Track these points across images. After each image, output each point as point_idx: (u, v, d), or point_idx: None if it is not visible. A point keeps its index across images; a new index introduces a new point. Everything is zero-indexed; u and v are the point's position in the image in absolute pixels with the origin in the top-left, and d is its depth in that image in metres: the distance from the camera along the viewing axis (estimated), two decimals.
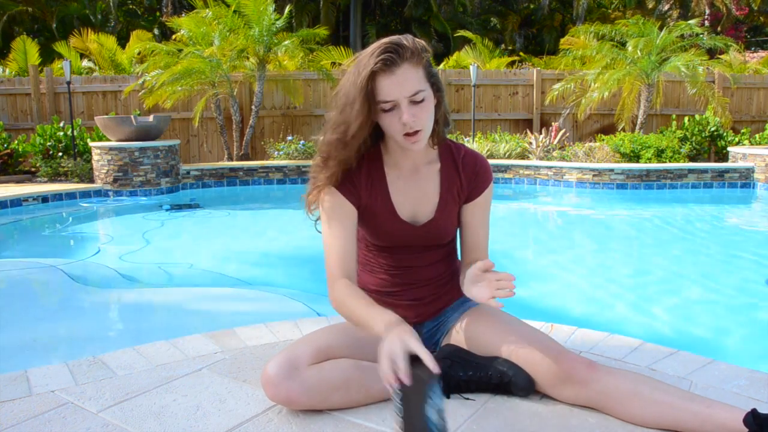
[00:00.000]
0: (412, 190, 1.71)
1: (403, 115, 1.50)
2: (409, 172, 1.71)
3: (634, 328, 3.24)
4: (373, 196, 1.69)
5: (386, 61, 1.47)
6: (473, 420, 1.56)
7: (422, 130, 1.54)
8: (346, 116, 1.55)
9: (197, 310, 3.42)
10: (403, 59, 1.49)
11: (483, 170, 1.74)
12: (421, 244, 1.74)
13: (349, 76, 1.55)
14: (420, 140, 1.56)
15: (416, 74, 1.51)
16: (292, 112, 10.96)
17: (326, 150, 1.62)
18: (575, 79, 10.32)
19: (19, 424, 1.55)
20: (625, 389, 1.50)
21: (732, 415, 1.39)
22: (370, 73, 1.48)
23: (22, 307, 3.42)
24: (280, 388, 1.54)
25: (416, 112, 1.51)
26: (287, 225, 6.23)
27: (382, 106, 1.52)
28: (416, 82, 1.51)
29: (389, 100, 1.50)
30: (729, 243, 5.50)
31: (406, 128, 1.52)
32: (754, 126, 11.07)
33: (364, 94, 1.49)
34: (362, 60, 1.52)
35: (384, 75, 1.48)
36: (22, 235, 6.02)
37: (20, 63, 11.82)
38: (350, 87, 1.53)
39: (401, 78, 1.49)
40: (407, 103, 1.51)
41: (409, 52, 1.50)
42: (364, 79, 1.48)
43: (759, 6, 19.37)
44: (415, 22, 18.10)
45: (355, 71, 1.53)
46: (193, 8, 10.13)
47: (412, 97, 1.50)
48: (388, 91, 1.49)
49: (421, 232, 1.72)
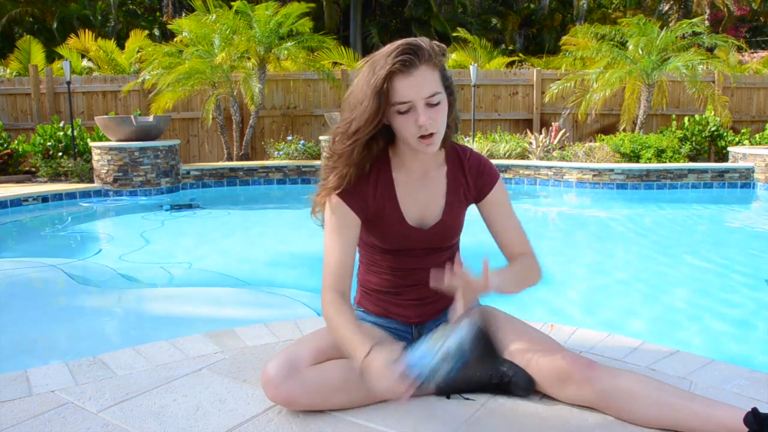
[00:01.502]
0: (420, 194, 1.70)
1: (419, 117, 1.49)
2: (418, 176, 1.70)
3: (634, 328, 3.24)
4: (380, 201, 1.67)
5: (404, 62, 1.46)
6: (473, 420, 1.56)
7: (437, 132, 1.53)
8: (354, 112, 1.54)
9: (197, 310, 3.42)
10: (421, 61, 1.48)
11: (487, 169, 1.75)
12: (427, 246, 1.74)
13: (363, 76, 1.53)
14: (434, 143, 1.54)
15: (433, 76, 1.50)
16: (292, 112, 10.96)
17: (333, 147, 1.62)
18: (574, 77, 10.32)
19: (19, 424, 1.55)
20: (625, 389, 1.50)
21: (732, 414, 1.39)
22: (387, 73, 1.46)
23: (22, 307, 3.41)
24: (280, 389, 1.54)
25: (432, 114, 1.50)
26: (287, 225, 6.23)
27: (398, 108, 1.50)
28: (433, 85, 1.50)
29: (406, 101, 1.49)
30: (729, 243, 5.50)
31: (422, 131, 1.51)
32: (754, 126, 11.07)
33: (378, 92, 1.47)
34: (378, 60, 1.50)
35: (401, 76, 1.47)
36: (22, 235, 6.02)
37: (23, 62, 11.84)
38: (364, 86, 1.52)
39: (419, 79, 1.48)
40: (423, 105, 1.49)
41: (427, 54, 1.49)
42: (380, 79, 1.47)
43: (759, 6, 19.37)
44: (415, 22, 18.09)
45: (370, 71, 1.51)
46: (193, 9, 10.14)
47: (429, 99, 1.49)
48: (406, 92, 1.48)
49: (428, 235, 1.71)
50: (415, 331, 1.82)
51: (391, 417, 1.57)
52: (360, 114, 1.52)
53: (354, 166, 1.60)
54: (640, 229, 6.18)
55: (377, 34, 17.68)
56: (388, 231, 1.70)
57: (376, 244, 1.74)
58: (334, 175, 1.62)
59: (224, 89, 9.56)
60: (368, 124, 1.52)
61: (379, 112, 1.50)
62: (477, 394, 1.67)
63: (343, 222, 1.64)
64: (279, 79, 10.75)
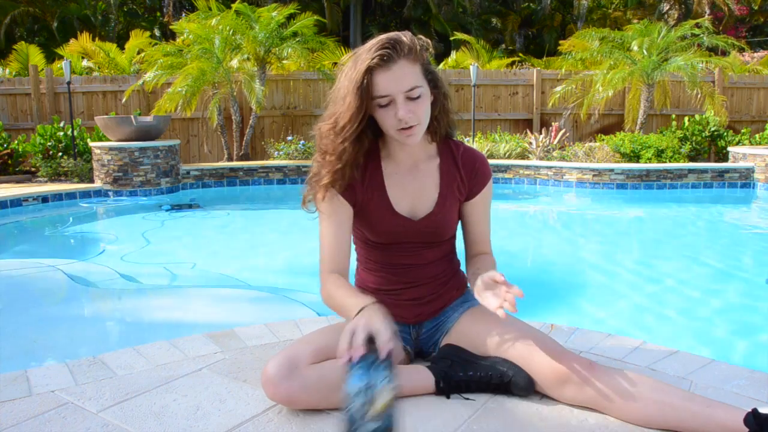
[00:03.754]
0: (410, 184, 1.71)
1: (398, 111, 1.52)
2: (407, 167, 1.72)
3: (634, 328, 3.24)
4: (368, 190, 1.69)
5: (383, 57, 1.49)
6: (473, 420, 1.55)
7: (418, 125, 1.55)
8: (337, 108, 1.57)
9: (197, 310, 3.42)
10: (399, 55, 1.50)
11: (482, 168, 1.75)
12: (420, 240, 1.74)
13: (345, 71, 1.57)
14: (414, 134, 1.57)
15: (413, 70, 1.52)
16: (292, 112, 10.96)
17: (322, 143, 1.64)
18: (577, 80, 10.32)
19: (19, 424, 1.55)
20: (625, 389, 1.50)
21: (732, 415, 1.39)
22: (366, 68, 1.50)
23: (22, 308, 3.41)
24: (280, 388, 1.54)
25: (412, 107, 1.53)
26: (287, 225, 6.22)
27: (379, 102, 1.53)
28: (412, 78, 1.52)
29: (385, 95, 1.51)
30: (729, 243, 5.50)
31: (401, 123, 1.53)
32: (754, 126, 11.07)
33: (358, 87, 1.50)
34: (360, 55, 1.54)
35: (380, 70, 1.50)
36: (22, 235, 6.02)
37: (22, 63, 11.84)
38: (345, 80, 1.55)
39: (397, 73, 1.50)
40: (403, 99, 1.52)
41: (406, 48, 1.52)
42: (359, 73, 1.50)
43: (759, 5, 19.37)
44: (415, 23, 18.10)
45: (352, 66, 1.54)
46: (194, 9, 10.14)
47: (408, 92, 1.52)
48: (385, 86, 1.51)
49: (420, 226, 1.72)
50: (413, 331, 1.82)
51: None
52: (344, 111, 1.55)
53: (348, 163, 1.62)
54: (640, 229, 6.18)
55: (377, 35, 17.66)
56: (378, 221, 1.71)
57: (369, 238, 1.75)
58: (327, 171, 1.63)
59: (225, 89, 9.56)
60: (353, 120, 1.55)
61: (362, 108, 1.53)
62: (477, 394, 1.67)
63: (335, 208, 1.67)
64: (279, 79, 10.75)
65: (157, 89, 10.00)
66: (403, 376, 1.53)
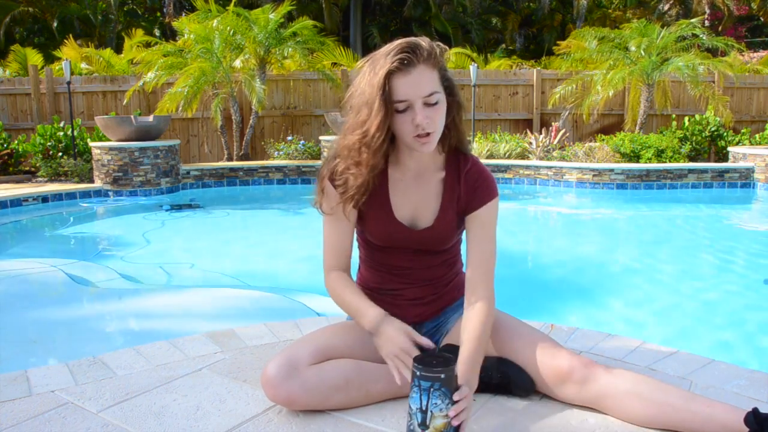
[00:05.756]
0: (413, 193, 1.69)
1: (416, 116, 1.48)
2: (412, 175, 1.69)
3: (635, 328, 3.24)
4: (372, 194, 1.67)
5: (403, 61, 1.46)
6: (473, 420, 1.55)
7: (434, 132, 1.52)
8: (364, 117, 1.53)
9: (197, 310, 3.42)
10: (419, 60, 1.48)
11: (484, 185, 1.68)
12: (417, 248, 1.72)
13: (364, 76, 1.53)
14: (430, 142, 1.53)
15: (431, 76, 1.50)
16: (292, 112, 10.96)
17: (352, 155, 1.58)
18: (577, 80, 10.32)
19: (19, 424, 1.55)
20: (625, 389, 1.50)
21: (732, 415, 1.39)
22: (386, 72, 1.46)
23: (23, 308, 3.41)
24: (280, 389, 1.54)
25: (430, 113, 1.50)
26: (287, 225, 6.23)
27: (397, 106, 1.49)
28: (431, 84, 1.50)
29: (404, 100, 1.48)
30: (729, 243, 5.50)
31: (419, 129, 1.50)
32: (754, 126, 11.07)
33: (382, 93, 1.47)
34: (378, 60, 1.50)
35: (400, 75, 1.47)
36: (22, 235, 6.02)
37: (21, 64, 11.84)
38: (366, 87, 1.51)
39: (417, 78, 1.47)
40: (421, 105, 1.49)
41: (426, 53, 1.49)
42: (381, 78, 1.47)
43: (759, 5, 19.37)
44: (416, 22, 18.08)
45: (370, 71, 1.51)
46: (194, 9, 10.14)
47: (427, 98, 1.49)
48: (404, 90, 1.47)
49: (417, 237, 1.70)
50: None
51: (391, 417, 1.57)
52: (372, 118, 1.50)
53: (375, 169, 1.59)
54: (639, 229, 6.18)
55: (378, 35, 17.68)
56: (377, 224, 1.70)
57: (369, 239, 1.75)
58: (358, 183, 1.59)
59: (225, 89, 9.56)
60: (382, 127, 1.50)
61: (389, 113, 1.50)
62: (477, 394, 1.67)
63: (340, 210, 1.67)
64: (279, 79, 10.75)
65: (158, 89, 10.00)
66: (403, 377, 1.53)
